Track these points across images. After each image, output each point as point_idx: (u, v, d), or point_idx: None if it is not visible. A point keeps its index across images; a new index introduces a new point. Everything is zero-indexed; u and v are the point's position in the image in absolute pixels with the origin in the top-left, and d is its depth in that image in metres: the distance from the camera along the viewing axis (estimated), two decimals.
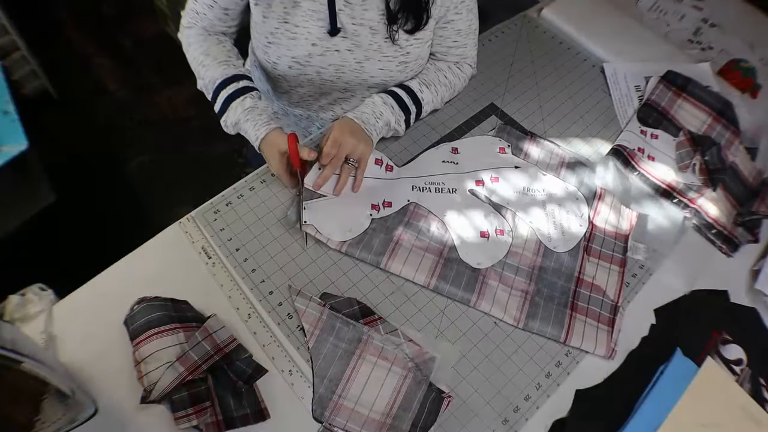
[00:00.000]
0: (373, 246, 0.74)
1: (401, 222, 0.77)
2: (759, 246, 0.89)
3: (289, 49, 0.75)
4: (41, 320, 0.62)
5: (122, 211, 1.65)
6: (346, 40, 0.75)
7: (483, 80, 1.00)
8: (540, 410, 0.67)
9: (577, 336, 0.71)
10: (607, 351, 0.71)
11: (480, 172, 0.85)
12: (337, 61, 0.77)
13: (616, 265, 0.79)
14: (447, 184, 0.82)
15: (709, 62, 1.10)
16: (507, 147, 0.89)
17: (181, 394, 0.58)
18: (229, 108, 0.76)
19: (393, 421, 0.62)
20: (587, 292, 0.75)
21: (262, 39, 0.76)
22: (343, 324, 0.67)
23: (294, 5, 0.72)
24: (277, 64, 0.78)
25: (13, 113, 1.07)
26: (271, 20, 0.73)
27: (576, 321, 0.72)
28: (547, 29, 1.14)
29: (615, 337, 0.72)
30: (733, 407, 0.69)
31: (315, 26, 0.73)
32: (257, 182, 0.80)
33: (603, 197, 0.86)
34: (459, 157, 0.86)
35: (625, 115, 1.00)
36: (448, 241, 0.77)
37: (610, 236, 0.82)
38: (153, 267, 0.70)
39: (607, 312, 0.74)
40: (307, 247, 0.74)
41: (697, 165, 0.92)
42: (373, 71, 0.79)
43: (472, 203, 0.82)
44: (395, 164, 0.84)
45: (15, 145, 1.03)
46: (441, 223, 0.78)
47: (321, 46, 0.75)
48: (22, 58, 1.63)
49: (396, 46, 0.77)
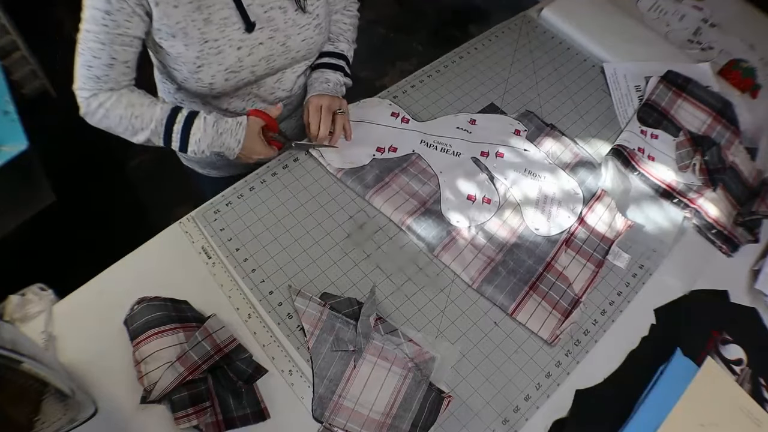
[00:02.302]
0: (365, 179, 0.81)
1: (399, 166, 0.84)
2: (759, 246, 0.89)
3: (219, 64, 0.74)
4: (41, 320, 0.62)
5: (122, 211, 1.65)
6: (264, 29, 0.75)
7: (483, 80, 1.00)
8: (540, 410, 0.67)
9: (525, 313, 0.72)
10: (551, 336, 0.71)
11: (488, 145, 0.89)
12: (265, 53, 0.78)
13: (592, 264, 0.79)
14: (454, 147, 0.88)
15: (709, 62, 1.10)
16: (523, 131, 0.93)
17: (181, 394, 0.58)
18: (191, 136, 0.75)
19: (393, 421, 0.62)
20: (553, 279, 0.77)
21: (190, 67, 0.74)
22: (343, 324, 0.67)
23: (206, 22, 0.70)
24: (214, 83, 0.76)
25: (13, 113, 1.07)
26: (193, 45, 0.71)
27: (530, 299, 0.74)
28: (547, 29, 1.14)
29: (565, 327, 0.71)
30: (733, 407, 0.69)
31: (232, 30, 0.73)
32: (257, 182, 0.80)
33: (601, 199, 0.86)
34: (474, 128, 0.92)
35: (625, 115, 1.00)
36: (435, 195, 0.82)
37: (596, 236, 0.82)
38: (153, 267, 0.70)
39: (566, 302, 0.74)
40: (308, 247, 0.74)
41: (697, 165, 0.92)
42: (297, 46, 0.81)
43: (471, 169, 0.86)
44: (413, 118, 0.91)
45: (15, 145, 1.03)
46: (435, 178, 0.84)
47: (246, 46, 0.75)
48: (22, 58, 1.63)
49: (307, 13, 0.79)
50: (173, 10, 0.68)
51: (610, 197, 0.87)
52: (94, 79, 0.71)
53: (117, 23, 0.67)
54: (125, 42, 0.69)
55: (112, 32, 0.67)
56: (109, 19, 0.66)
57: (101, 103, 0.72)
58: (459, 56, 1.04)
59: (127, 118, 0.73)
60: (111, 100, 0.72)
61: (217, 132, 0.75)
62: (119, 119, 0.73)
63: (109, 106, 0.72)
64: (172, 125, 0.74)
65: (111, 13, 0.66)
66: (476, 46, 1.06)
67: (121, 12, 0.66)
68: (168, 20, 0.68)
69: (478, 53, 1.05)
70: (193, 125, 0.75)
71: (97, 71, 0.70)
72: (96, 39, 0.67)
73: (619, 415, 0.67)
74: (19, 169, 1.05)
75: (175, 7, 0.68)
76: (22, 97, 1.71)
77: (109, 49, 0.69)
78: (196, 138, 0.75)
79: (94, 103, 0.72)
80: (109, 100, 0.72)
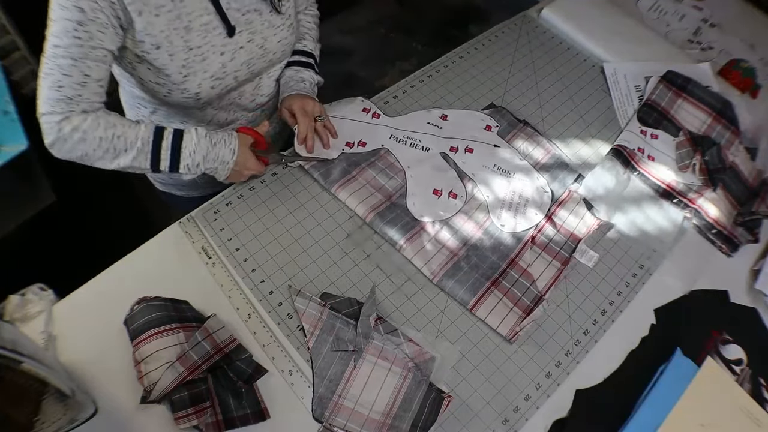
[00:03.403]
0: (332, 173, 0.81)
1: (367, 161, 0.84)
2: (759, 246, 0.89)
3: (204, 71, 0.73)
4: (41, 320, 0.62)
5: (122, 211, 1.65)
6: (243, 32, 0.75)
7: (483, 80, 1.00)
8: (540, 410, 0.67)
9: (485, 308, 0.72)
10: (510, 333, 0.70)
11: (458, 141, 0.89)
12: (245, 57, 0.77)
13: (558, 261, 0.79)
14: (423, 142, 0.88)
15: (709, 62, 1.10)
16: (495, 127, 0.92)
17: (181, 394, 0.58)
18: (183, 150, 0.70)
19: (393, 421, 0.62)
20: (516, 275, 0.76)
21: (175, 78, 0.71)
22: (343, 324, 0.67)
23: (187, 30, 0.69)
24: (200, 92, 0.74)
25: (13, 113, 1.07)
26: (177, 54, 0.70)
27: (491, 295, 0.73)
28: (547, 29, 1.14)
29: (525, 324, 0.70)
30: (733, 407, 0.69)
31: (214, 36, 0.72)
32: (257, 182, 0.80)
33: (571, 197, 0.86)
34: (445, 124, 0.92)
35: (625, 115, 1.00)
36: (402, 189, 0.82)
37: (564, 234, 0.82)
38: (153, 267, 0.70)
39: (529, 300, 0.74)
40: (308, 248, 0.74)
41: (697, 165, 0.92)
42: (274, 47, 0.81)
43: (439, 164, 0.86)
44: (384, 113, 0.91)
45: (15, 145, 1.03)
46: (402, 173, 0.84)
47: (228, 51, 0.74)
48: (22, 58, 1.63)
49: (281, 14, 0.79)
50: (155, 19, 0.66)
51: (579, 198, 0.86)
52: (65, 101, 0.64)
53: (90, 35, 0.62)
54: (98, 57, 0.64)
55: (85, 44, 0.62)
56: (82, 30, 0.61)
57: (75, 126, 0.64)
58: (459, 56, 1.04)
59: (108, 139, 0.66)
60: (87, 122, 0.65)
61: (210, 142, 0.72)
62: (98, 141, 0.66)
63: (86, 128, 0.65)
64: (160, 141, 0.69)
65: (84, 23, 0.61)
66: (476, 46, 1.06)
67: (95, 23, 0.61)
68: (152, 29, 0.66)
69: (478, 53, 1.05)
70: (183, 139, 0.70)
71: (69, 91, 0.64)
72: (66, 54, 0.62)
73: (619, 415, 0.67)
74: (19, 169, 1.05)
75: (156, 16, 0.65)
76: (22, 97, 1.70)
77: (81, 65, 0.63)
78: (189, 150, 0.70)
79: (67, 128, 0.64)
80: (85, 122, 0.65)
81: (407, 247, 0.75)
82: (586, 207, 0.86)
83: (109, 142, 0.67)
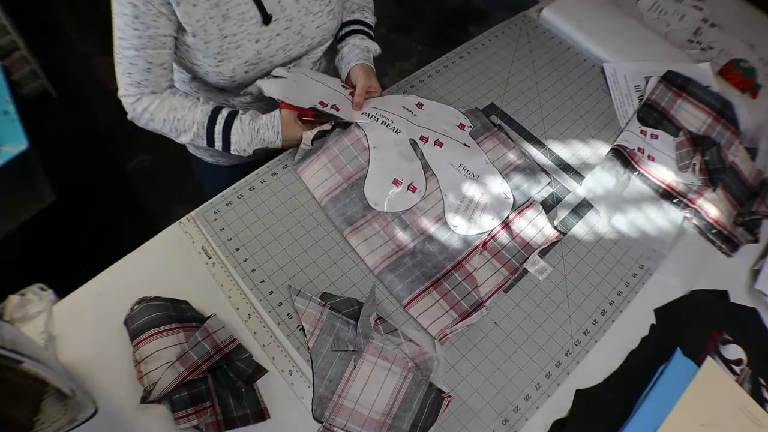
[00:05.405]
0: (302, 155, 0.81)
1: (334, 138, 0.81)
2: (759, 246, 0.89)
3: (239, 57, 0.76)
4: (41, 320, 0.62)
5: (122, 211, 1.65)
6: (280, 20, 0.76)
7: (483, 80, 1.00)
8: (540, 410, 0.67)
9: (418, 308, 0.70)
10: (439, 334, 0.69)
11: (430, 132, 0.86)
12: (282, 43, 0.79)
13: (507, 270, 0.76)
14: (395, 123, 0.85)
15: (709, 62, 1.10)
16: (468, 127, 0.90)
17: (181, 394, 0.58)
18: (231, 136, 0.79)
19: (393, 421, 0.62)
20: (459, 278, 0.74)
21: (211, 62, 0.75)
22: (343, 324, 0.67)
23: (224, 18, 0.72)
24: (234, 77, 0.78)
25: (13, 113, 1.07)
26: (213, 42, 0.73)
27: (428, 295, 0.72)
28: (547, 29, 1.14)
29: (458, 328, 0.69)
30: (733, 407, 0.69)
31: (250, 24, 0.74)
32: (257, 182, 0.80)
33: (531, 206, 0.83)
34: (419, 112, 0.89)
35: (625, 115, 1.00)
36: (362, 172, 0.80)
37: (518, 243, 0.79)
38: (153, 267, 0.70)
39: (468, 304, 0.72)
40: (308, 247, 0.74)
41: (697, 165, 0.92)
42: (312, 33, 0.82)
43: (406, 151, 0.83)
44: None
45: (15, 145, 1.03)
46: (366, 153, 0.81)
47: (263, 39, 0.76)
48: (22, 58, 1.64)
49: (319, 0, 0.80)
50: (192, 9, 0.69)
51: (540, 208, 0.83)
52: (135, 85, 0.74)
53: (146, 25, 0.68)
54: (158, 44, 0.71)
55: (143, 35, 0.69)
56: (139, 22, 0.68)
57: (145, 107, 0.76)
58: (459, 56, 1.04)
59: (170, 121, 0.77)
60: (154, 105, 0.76)
61: (254, 129, 0.78)
62: (163, 122, 0.78)
63: (153, 110, 0.76)
64: (213, 127, 0.78)
65: (138, 16, 0.67)
66: (476, 46, 1.06)
67: (148, 14, 0.67)
68: (189, 18, 0.70)
69: (478, 53, 1.05)
70: (232, 126, 0.78)
71: (137, 77, 0.73)
72: (129, 45, 0.70)
73: (619, 415, 0.67)
74: (19, 169, 1.06)
75: (194, 5, 0.69)
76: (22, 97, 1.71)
77: (144, 54, 0.71)
78: (236, 138, 0.78)
79: (139, 108, 0.76)
80: (153, 104, 0.76)
81: (353, 236, 0.74)
82: (547, 217, 0.82)
83: (171, 123, 0.78)
